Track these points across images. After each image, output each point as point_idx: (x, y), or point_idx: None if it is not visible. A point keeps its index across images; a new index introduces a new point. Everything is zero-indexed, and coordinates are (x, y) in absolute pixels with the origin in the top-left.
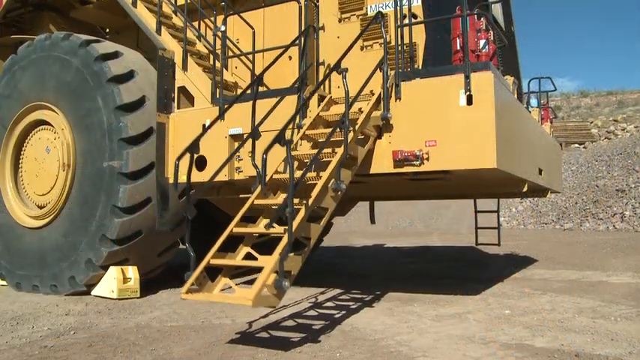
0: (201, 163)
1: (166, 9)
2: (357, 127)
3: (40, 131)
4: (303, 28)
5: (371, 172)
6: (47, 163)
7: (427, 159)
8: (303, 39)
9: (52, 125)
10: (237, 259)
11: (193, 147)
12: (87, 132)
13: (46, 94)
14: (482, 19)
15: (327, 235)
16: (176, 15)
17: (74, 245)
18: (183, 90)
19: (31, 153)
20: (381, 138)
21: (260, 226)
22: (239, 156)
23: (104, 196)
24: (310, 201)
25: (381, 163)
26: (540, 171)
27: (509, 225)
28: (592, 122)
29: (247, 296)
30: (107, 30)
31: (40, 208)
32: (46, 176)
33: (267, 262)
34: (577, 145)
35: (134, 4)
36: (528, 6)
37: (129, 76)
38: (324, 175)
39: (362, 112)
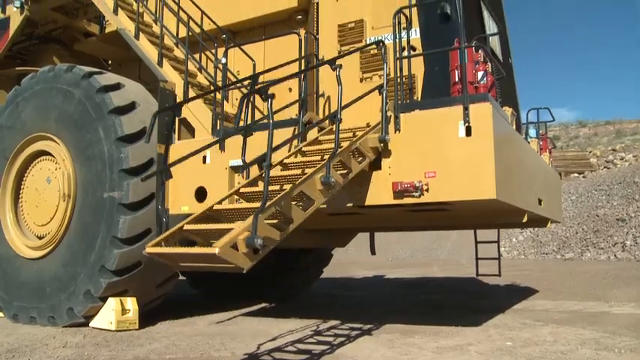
0: (201, 194)
1: (168, 41)
2: (352, 141)
3: (42, 162)
4: (303, 61)
5: (371, 203)
6: (48, 193)
7: (427, 190)
8: (303, 66)
9: (53, 156)
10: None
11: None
12: (88, 163)
13: (48, 125)
14: (480, 51)
15: (328, 266)
16: (177, 47)
17: (73, 276)
18: (184, 121)
19: (31, 183)
20: (380, 169)
21: (243, 204)
22: None
23: (104, 226)
24: (297, 185)
25: (381, 195)
26: (540, 201)
27: (509, 255)
28: (591, 152)
29: (215, 246)
30: (109, 62)
31: (40, 238)
32: (47, 207)
33: (242, 223)
34: (576, 175)
35: (137, 36)
36: (525, 38)
37: (130, 107)
38: (315, 169)
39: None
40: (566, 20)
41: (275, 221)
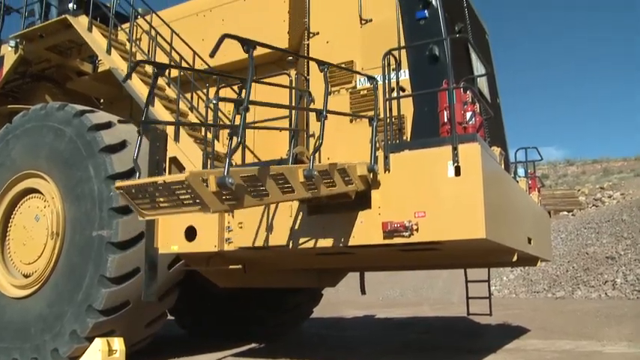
0: (190, 233)
1: (160, 81)
2: (341, 163)
3: (31, 199)
4: (293, 101)
5: (361, 243)
6: (36, 231)
7: (417, 230)
8: (294, 103)
9: (42, 193)
10: None
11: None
12: (77, 201)
13: (38, 162)
14: (468, 92)
15: (317, 306)
16: (169, 87)
17: (59, 316)
18: (174, 160)
19: (20, 221)
20: (370, 208)
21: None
22: (229, 227)
23: (92, 265)
24: (278, 166)
25: (371, 235)
26: (530, 240)
27: (500, 294)
28: (579, 190)
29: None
30: (101, 100)
31: (26, 277)
32: (34, 245)
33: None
34: (565, 213)
35: (129, 76)
36: (514, 75)
37: (121, 146)
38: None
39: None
40: (554, 57)
41: (251, 189)
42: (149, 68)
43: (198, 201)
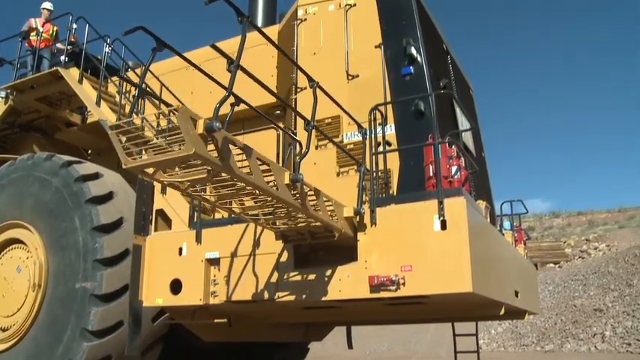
0: (176, 287)
1: (148, 133)
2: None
3: (13, 250)
4: (281, 155)
5: (347, 297)
6: (17, 282)
7: (403, 284)
8: (283, 159)
9: (25, 244)
10: None
11: None
12: (61, 252)
13: (22, 212)
14: (453, 146)
15: None
16: (158, 139)
17: None
18: (161, 213)
19: (0, 272)
20: (357, 260)
21: None
22: (215, 280)
23: (74, 318)
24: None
25: (358, 289)
26: (517, 293)
27: (489, 348)
28: (565, 242)
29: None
30: (89, 151)
31: (4, 330)
32: (15, 297)
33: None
34: (552, 265)
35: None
36: (498, 125)
37: (108, 197)
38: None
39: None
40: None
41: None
42: (138, 120)
43: (182, 150)
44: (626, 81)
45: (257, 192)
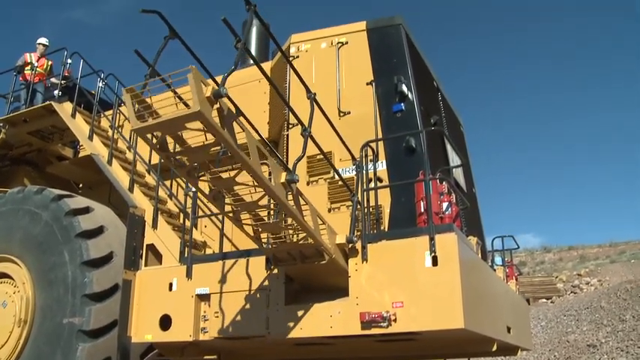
0: (165, 323)
1: (140, 168)
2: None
3: (0, 284)
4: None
5: (338, 333)
6: (2, 318)
7: (395, 320)
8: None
9: (13, 278)
10: None
11: None
12: (49, 287)
13: (11, 246)
14: (444, 182)
15: None
16: (149, 174)
17: None
18: (151, 248)
19: None
20: (348, 296)
21: None
22: (205, 316)
23: (60, 354)
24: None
25: (348, 325)
26: (509, 329)
27: None
28: (557, 277)
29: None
30: (80, 185)
31: None
32: None
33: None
34: (544, 300)
35: (109, 162)
36: (490, 164)
37: (98, 231)
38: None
39: None
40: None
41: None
42: (130, 155)
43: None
44: (617, 112)
45: (254, 188)
